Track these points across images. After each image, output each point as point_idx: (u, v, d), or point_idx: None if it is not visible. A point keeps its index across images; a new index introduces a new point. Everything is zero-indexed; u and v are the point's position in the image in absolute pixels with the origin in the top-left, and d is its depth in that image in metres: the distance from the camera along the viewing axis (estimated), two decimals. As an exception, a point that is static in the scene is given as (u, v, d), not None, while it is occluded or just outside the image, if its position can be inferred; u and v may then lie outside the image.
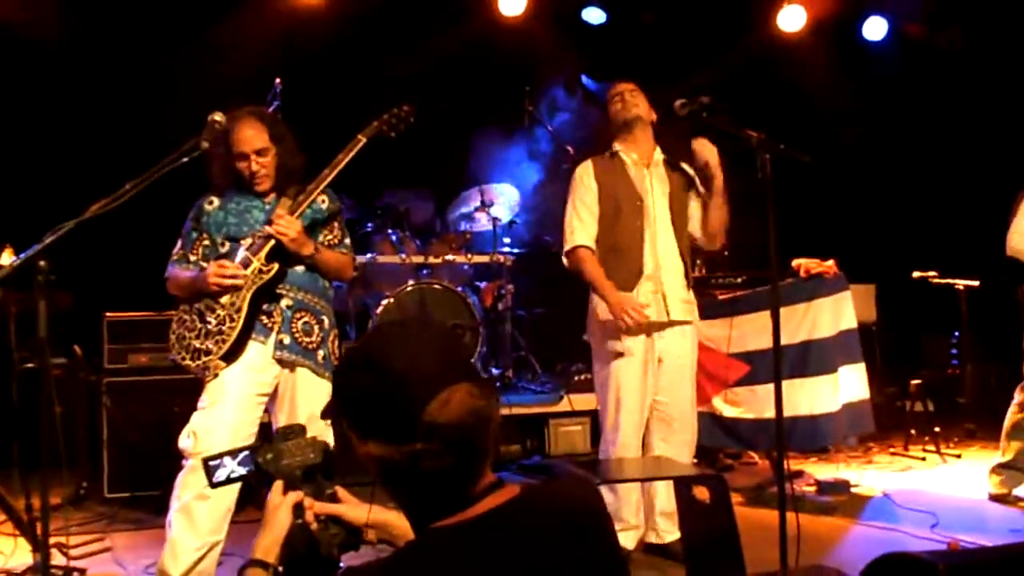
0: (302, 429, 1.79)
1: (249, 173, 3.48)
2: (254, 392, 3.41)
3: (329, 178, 3.50)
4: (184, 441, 3.34)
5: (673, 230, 3.99)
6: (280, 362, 3.44)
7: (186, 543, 3.30)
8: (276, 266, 3.43)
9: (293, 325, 3.47)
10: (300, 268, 3.51)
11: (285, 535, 1.60)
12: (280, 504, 1.63)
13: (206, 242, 3.54)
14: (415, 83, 6.85)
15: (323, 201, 3.64)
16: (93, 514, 4.80)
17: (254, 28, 6.34)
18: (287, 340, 3.44)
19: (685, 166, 4.10)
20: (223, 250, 3.49)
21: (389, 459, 1.40)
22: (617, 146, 4.06)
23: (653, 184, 4.01)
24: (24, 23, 5.81)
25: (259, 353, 3.43)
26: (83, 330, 5.12)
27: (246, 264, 3.44)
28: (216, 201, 3.56)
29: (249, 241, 3.48)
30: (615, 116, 4.06)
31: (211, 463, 1.76)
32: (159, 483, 4.88)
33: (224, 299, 3.42)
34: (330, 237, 3.64)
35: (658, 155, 4.08)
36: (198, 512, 3.31)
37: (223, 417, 3.32)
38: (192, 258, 3.53)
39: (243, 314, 3.40)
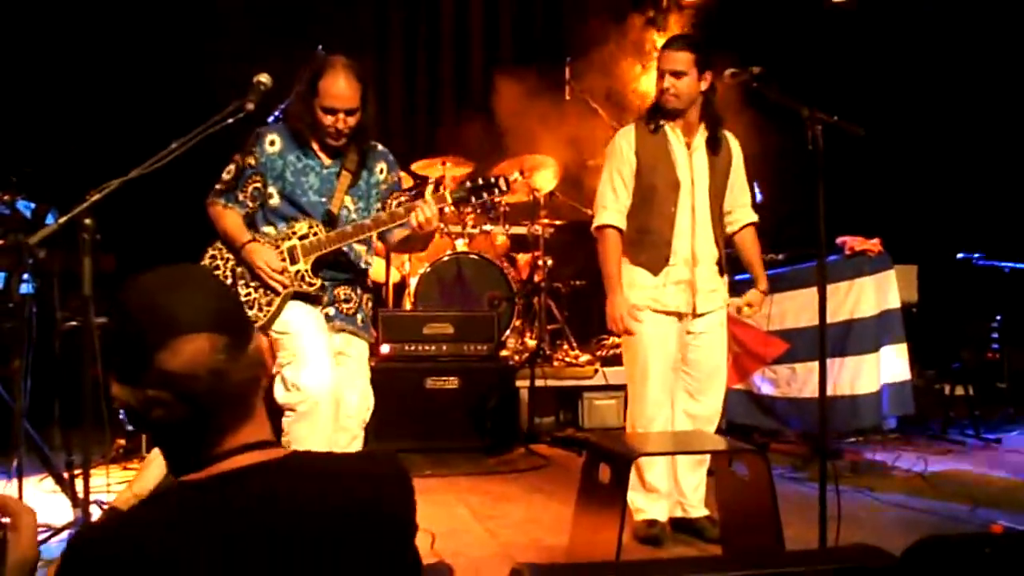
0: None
1: (333, 130, 3.40)
2: (323, 334, 3.45)
3: (384, 227, 3.43)
4: (285, 395, 3.34)
5: (710, 218, 3.85)
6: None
7: None
8: (319, 283, 3.44)
9: (335, 296, 3.52)
10: (342, 265, 3.53)
11: None
12: None
13: (257, 184, 3.46)
14: (455, 54, 6.85)
15: (381, 171, 3.58)
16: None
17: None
18: (332, 312, 3.50)
19: (730, 136, 3.96)
20: (272, 202, 3.45)
21: (127, 403, 1.37)
22: (663, 120, 3.84)
23: (695, 169, 3.83)
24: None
25: (306, 306, 3.46)
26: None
27: (292, 258, 3.42)
28: (278, 143, 3.46)
29: (304, 228, 3.44)
30: (657, 94, 3.82)
31: None
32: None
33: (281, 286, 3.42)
34: (394, 205, 3.58)
35: (702, 133, 3.86)
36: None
37: (322, 364, 3.34)
38: (240, 196, 3.47)
39: (273, 310, 3.40)
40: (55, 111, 6.05)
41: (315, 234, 3.43)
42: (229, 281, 3.43)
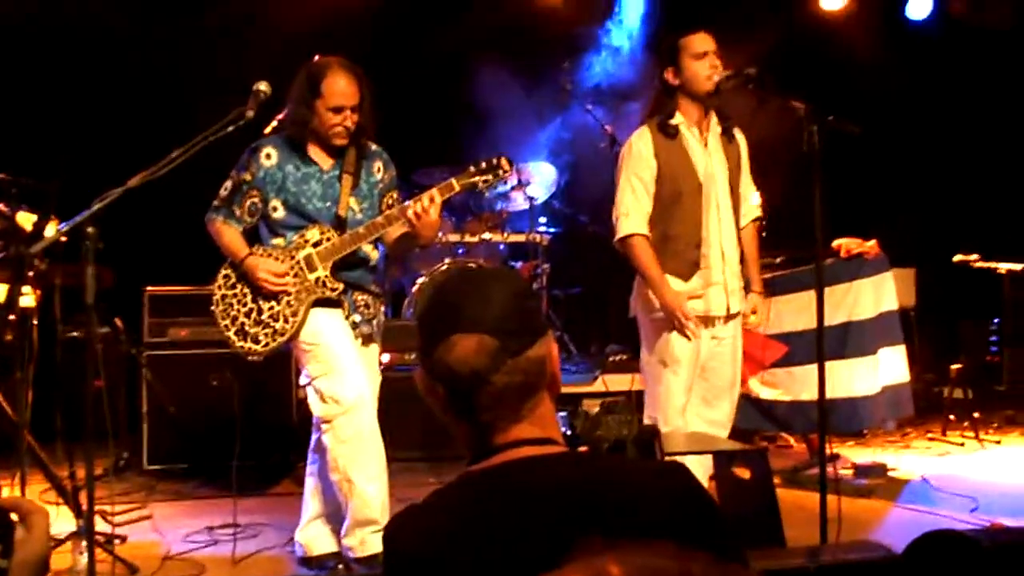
0: (625, 406, 1.83)
1: (342, 128, 3.41)
2: (352, 343, 3.48)
3: (397, 219, 3.43)
4: (323, 407, 3.38)
5: (733, 214, 3.84)
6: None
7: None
8: (342, 287, 3.45)
9: (356, 303, 3.55)
10: (358, 265, 3.56)
11: None
12: None
13: (255, 199, 3.50)
14: (452, 60, 6.86)
15: (378, 170, 3.61)
16: (133, 484, 4.88)
17: (291, 5, 6.34)
18: (358, 319, 3.54)
19: (738, 133, 3.93)
20: (276, 215, 3.48)
21: (421, 385, 1.49)
22: (678, 117, 3.78)
23: (714, 164, 3.79)
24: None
25: (333, 315, 3.48)
26: (123, 305, 5.17)
27: (310, 266, 3.43)
28: (274, 156, 3.49)
29: (316, 235, 3.45)
30: (695, 78, 3.69)
31: None
32: (197, 455, 4.96)
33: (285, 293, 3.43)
34: (390, 203, 3.62)
35: (715, 126, 3.83)
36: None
37: (352, 382, 3.37)
38: (237, 212, 3.50)
39: (299, 320, 3.41)
40: (55, 122, 6.06)
41: (328, 239, 3.44)
42: (249, 299, 3.46)
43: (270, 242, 3.52)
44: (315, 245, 3.44)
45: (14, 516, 1.29)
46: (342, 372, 3.36)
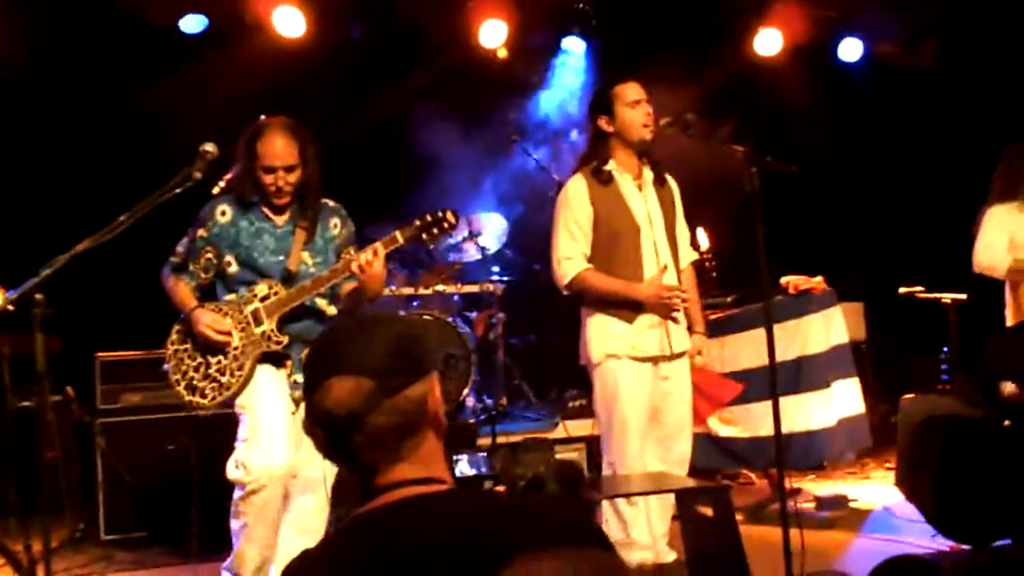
0: (542, 443, 1.86)
1: (274, 188, 3.45)
2: (290, 414, 3.44)
3: (343, 273, 3.45)
4: (234, 472, 3.38)
5: (671, 256, 3.91)
6: (296, 400, 3.48)
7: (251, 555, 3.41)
8: (287, 340, 3.44)
9: (303, 359, 3.49)
10: (308, 319, 3.53)
11: None
12: None
13: (209, 255, 3.53)
14: (399, 115, 6.92)
15: (335, 226, 3.64)
16: (91, 556, 4.75)
17: (239, 62, 6.37)
18: (301, 378, 3.48)
19: (669, 178, 4.01)
20: (230, 270, 3.50)
21: (304, 431, 1.51)
22: (612, 164, 3.87)
23: (650, 208, 3.87)
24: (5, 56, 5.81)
25: (275, 377, 3.46)
26: (73, 373, 5.09)
27: (256, 320, 3.44)
28: (228, 213, 3.52)
29: (264, 290, 3.47)
30: (629, 126, 3.80)
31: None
32: (155, 523, 4.87)
33: (228, 346, 3.43)
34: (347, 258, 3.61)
35: (647, 172, 3.93)
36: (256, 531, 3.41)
37: (269, 452, 3.35)
38: (191, 268, 3.54)
39: (244, 374, 3.42)
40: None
41: (275, 293, 3.46)
42: (199, 353, 3.45)
43: (224, 297, 3.55)
44: (263, 299, 3.46)
45: None
46: (259, 442, 3.36)
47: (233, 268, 3.50)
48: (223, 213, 3.52)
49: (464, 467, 5.16)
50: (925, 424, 2.69)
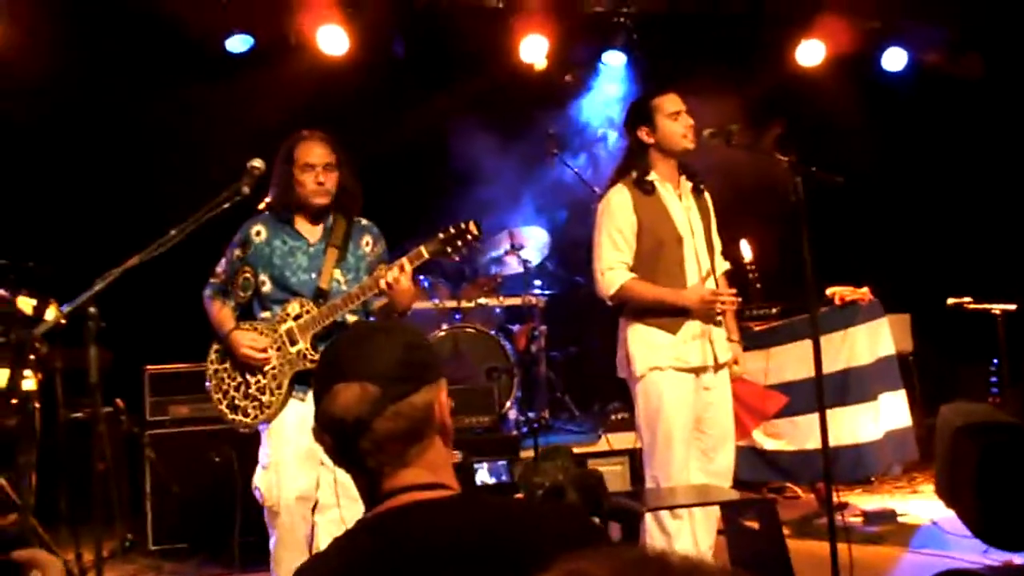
0: (562, 451, 1.87)
1: (315, 184, 3.49)
2: (311, 448, 3.40)
3: (373, 289, 3.47)
4: (255, 492, 3.49)
5: (712, 265, 3.90)
6: None
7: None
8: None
9: None
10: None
11: None
12: None
13: (247, 275, 3.58)
14: (440, 130, 6.97)
15: (367, 244, 3.68)
16: (140, 566, 4.82)
17: (283, 80, 6.46)
18: None
19: (704, 189, 4.01)
20: (264, 289, 3.56)
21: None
22: (653, 174, 3.88)
23: (691, 217, 3.88)
24: (51, 74, 5.94)
25: (308, 411, 3.49)
26: (122, 385, 5.17)
27: (292, 340, 3.49)
28: (264, 233, 3.59)
29: (297, 308, 3.51)
30: (670, 137, 3.82)
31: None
32: (202, 534, 4.92)
33: (267, 365, 3.49)
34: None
35: (685, 182, 3.94)
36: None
37: (283, 480, 3.41)
38: (229, 288, 3.61)
39: (283, 392, 3.48)
40: (52, 206, 6.14)
41: (307, 311, 3.51)
42: (238, 373, 3.51)
43: (260, 316, 3.60)
44: (295, 319, 3.51)
45: (36, 573, 1.31)
46: (273, 470, 3.43)
47: (267, 287, 3.57)
48: (258, 233, 3.59)
49: (484, 475, 5.16)
50: (963, 430, 2.66)
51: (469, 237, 3.43)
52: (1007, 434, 2.83)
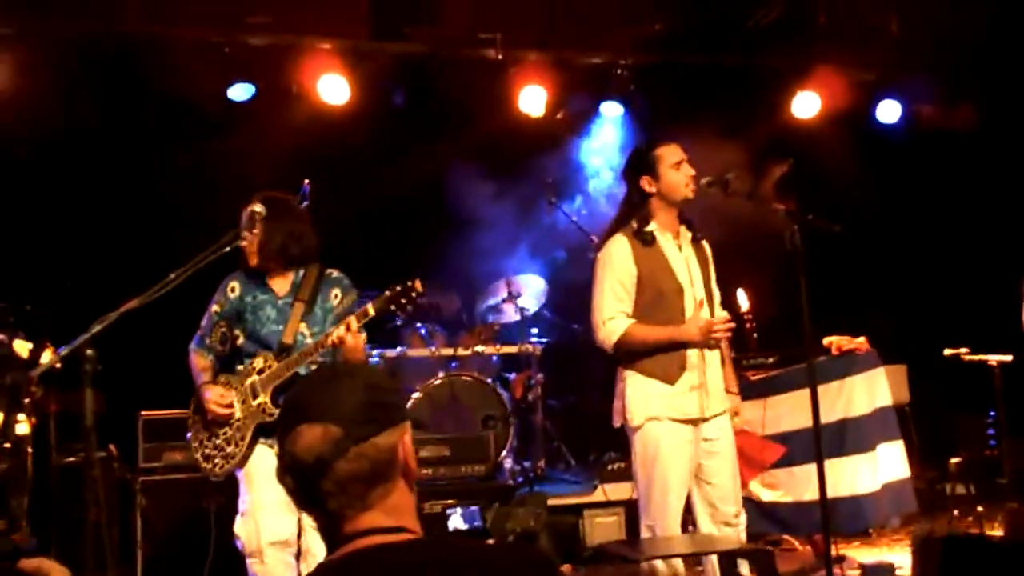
0: (535, 498, 1.87)
1: (248, 245, 3.61)
2: (286, 498, 3.44)
3: (324, 346, 3.50)
4: (236, 540, 3.57)
5: (710, 314, 3.87)
6: None
7: None
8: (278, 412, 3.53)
9: None
10: None
11: None
12: None
13: (223, 329, 3.71)
14: (437, 180, 7.02)
15: (335, 296, 3.74)
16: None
17: (285, 128, 6.53)
18: None
19: (703, 239, 4.02)
20: (239, 343, 3.68)
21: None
22: (654, 223, 3.87)
23: (690, 267, 3.89)
24: (45, 118, 5.99)
25: (273, 453, 3.54)
26: (115, 431, 5.15)
27: (254, 393, 3.57)
28: (237, 289, 3.71)
29: (260, 363, 3.59)
30: (673, 187, 3.82)
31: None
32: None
33: (232, 418, 3.60)
34: None
35: (684, 233, 3.94)
36: None
37: (262, 526, 3.49)
38: (208, 341, 3.73)
39: (246, 444, 3.57)
40: (50, 250, 6.15)
41: (269, 366, 3.59)
42: (208, 424, 3.64)
43: (237, 368, 3.70)
44: (259, 372, 3.61)
45: None
46: (252, 517, 3.51)
47: (241, 340, 3.69)
48: (232, 289, 3.71)
49: (457, 520, 5.12)
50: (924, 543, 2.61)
51: (414, 295, 3.47)
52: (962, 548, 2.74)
